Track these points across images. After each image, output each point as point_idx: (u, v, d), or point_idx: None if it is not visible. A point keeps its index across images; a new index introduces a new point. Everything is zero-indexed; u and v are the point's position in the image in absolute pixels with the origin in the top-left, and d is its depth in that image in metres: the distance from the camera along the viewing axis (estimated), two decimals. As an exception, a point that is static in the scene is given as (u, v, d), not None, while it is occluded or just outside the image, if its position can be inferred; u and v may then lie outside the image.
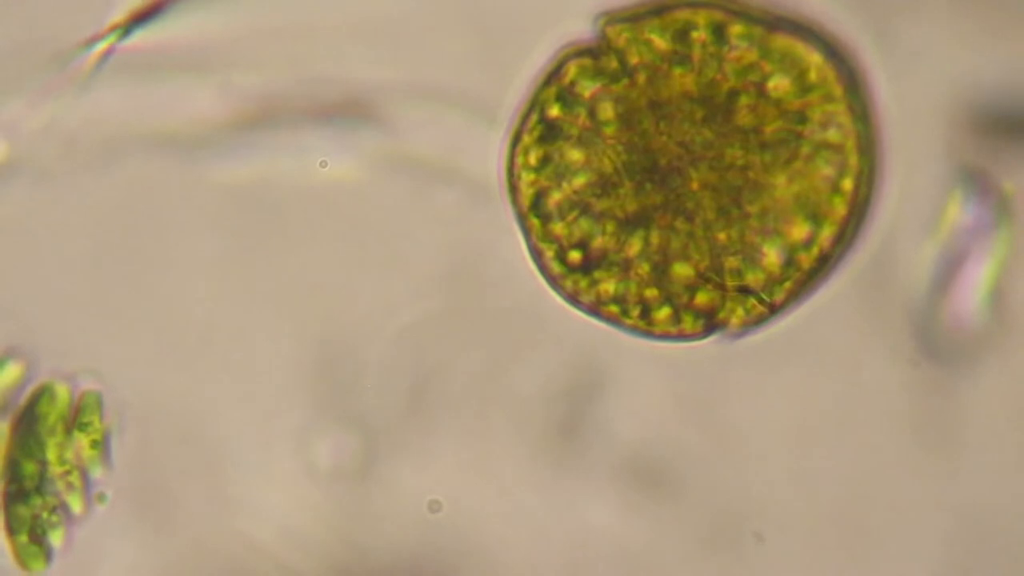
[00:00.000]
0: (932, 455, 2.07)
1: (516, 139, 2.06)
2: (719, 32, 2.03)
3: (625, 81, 2.03)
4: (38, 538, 2.09)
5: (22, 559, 2.09)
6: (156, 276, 2.11)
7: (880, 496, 2.08)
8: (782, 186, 2.02)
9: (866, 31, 2.04)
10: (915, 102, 2.04)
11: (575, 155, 2.04)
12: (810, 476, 2.08)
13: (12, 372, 2.10)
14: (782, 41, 2.03)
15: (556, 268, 2.06)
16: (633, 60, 2.03)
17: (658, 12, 2.04)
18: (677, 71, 2.02)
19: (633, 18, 2.04)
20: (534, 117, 2.05)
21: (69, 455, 2.09)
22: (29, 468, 2.08)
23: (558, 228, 2.05)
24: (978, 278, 2.05)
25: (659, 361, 2.08)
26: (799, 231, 2.03)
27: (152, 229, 2.10)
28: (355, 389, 2.10)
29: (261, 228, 2.10)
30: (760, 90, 2.02)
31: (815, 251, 2.03)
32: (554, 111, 2.04)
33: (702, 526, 2.10)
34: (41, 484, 2.09)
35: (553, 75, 2.05)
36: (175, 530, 2.12)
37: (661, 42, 2.03)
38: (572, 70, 2.04)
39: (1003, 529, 2.08)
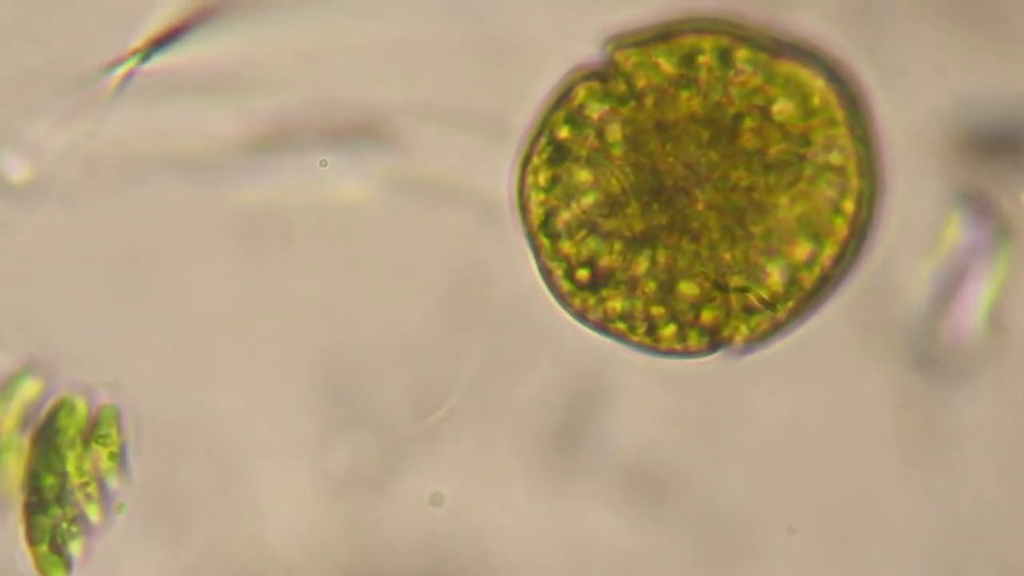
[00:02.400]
0: (927, 473, 2.07)
1: (526, 160, 2.06)
2: (725, 57, 2.03)
3: (632, 104, 2.03)
4: (58, 548, 2.09)
5: (43, 568, 2.09)
6: (172, 293, 2.11)
7: (874, 510, 2.08)
8: (785, 207, 2.02)
9: (861, 56, 2.04)
10: (914, 125, 2.04)
11: (584, 176, 2.04)
12: (806, 491, 2.09)
13: (32, 387, 2.10)
14: (786, 66, 2.03)
15: (565, 286, 2.06)
16: (640, 83, 2.03)
17: (665, 37, 2.04)
18: (683, 94, 2.02)
19: (641, 42, 2.04)
20: (544, 138, 2.05)
21: (87, 467, 2.09)
22: (49, 480, 2.09)
23: (567, 247, 2.05)
24: (976, 297, 2.05)
25: (664, 376, 2.08)
26: (801, 251, 2.03)
27: (169, 247, 2.11)
28: (365, 402, 2.11)
29: (275, 246, 2.10)
30: (764, 113, 2.02)
31: (817, 270, 2.03)
32: (563, 133, 2.05)
33: (699, 537, 2.10)
34: (61, 495, 2.09)
35: (563, 98, 2.05)
36: (191, 538, 2.12)
37: (668, 66, 2.03)
38: (581, 93, 2.04)
39: (988, 543, 2.08)
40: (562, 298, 2.07)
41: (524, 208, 2.06)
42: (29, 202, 2.10)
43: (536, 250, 2.07)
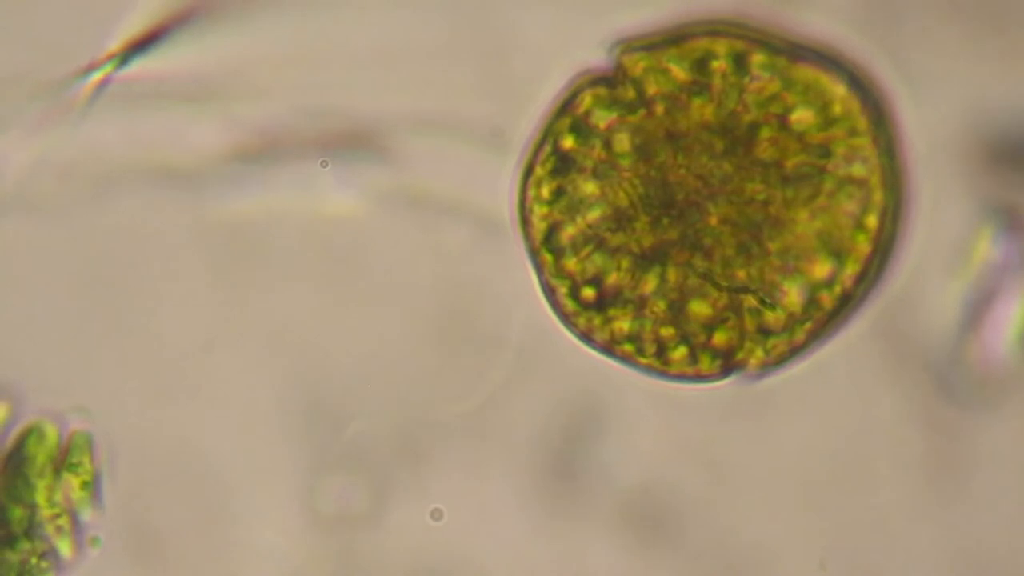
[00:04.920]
0: (952, 504, 2.07)
1: (528, 171, 2.06)
2: (740, 62, 2.03)
3: (642, 112, 2.03)
4: (27, 585, 2.09)
5: (10, 608, 2.09)
6: (148, 312, 2.11)
7: (897, 544, 2.08)
8: (804, 222, 2.02)
9: (885, 60, 2.04)
10: (942, 135, 2.05)
11: (590, 188, 2.04)
12: (824, 524, 2.09)
13: None
14: (805, 72, 2.03)
15: (569, 305, 2.05)
16: (650, 90, 2.03)
17: (677, 40, 2.04)
18: (696, 102, 2.03)
19: (651, 46, 2.04)
20: (547, 148, 2.05)
21: (58, 497, 2.08)
22: (17, 512, 2.07)
23: (571, 264, 2.04)
24: (1008, 319, 2.05)
25: (674, 402, 2.08)
26: (821, 269, 2.03)
27: (147, 264, 2.10)
28: (354, 429, 2.10)
29: (260, 264, 2.10)
30: (782, 122, 2.02)
31: (837, 290, 2.03)
32: (568, 142, 2.04)
33: (708, 573, 2.10)
34: (30, 528, 2.07)
35: (567, 105, 2.05)
36: (169, 574, 2.11)
37: (680, 71, 2.03)
38: (587, 100, 2.04)
39: (1017, 573, 2.08)
40: (566, 318, 2.06)
41: (526, 222, 2.06)
42: (-4, 215, 2.12)
43: (538, 267, 2.07)
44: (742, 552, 2.09)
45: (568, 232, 2.04)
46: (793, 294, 2.02)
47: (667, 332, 2.04)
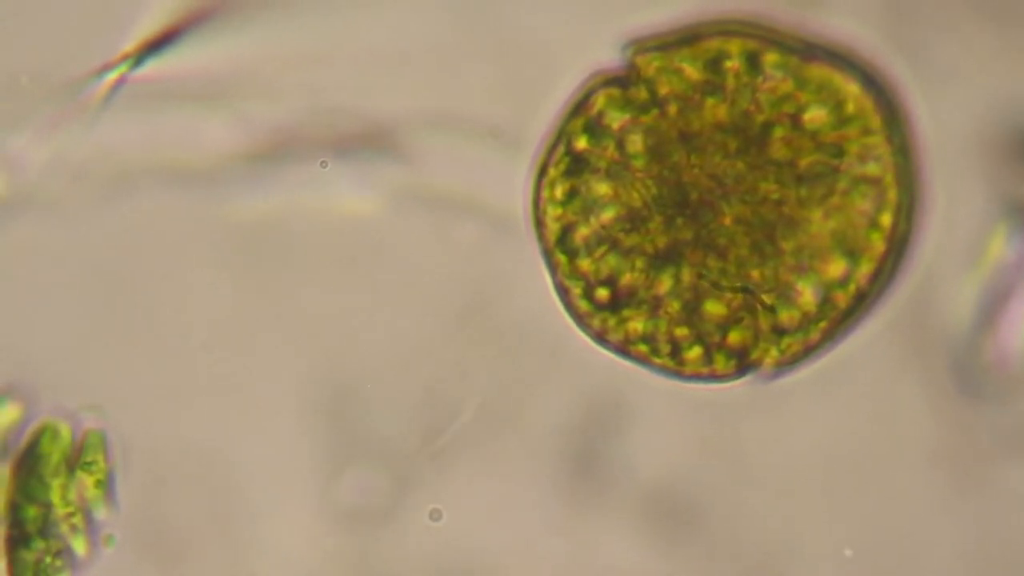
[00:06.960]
0: (969, 502, 2.06)
1: (542, 172, 2.05)
2: (753, 61, 2.02)
3: (655, 112, 2.02)
4: (42, 584, 2.09)
5: (25, 607, 2.09)
6: (163, 312, 2.10)
7: (913, 541, 2.07)
8: (818, 221, 2.01)
9: (899, 58, 2.03)
10: (956, 132, 2.04)
11: (603, 189, 2.03)
12: (841, 522, 2.07)
13: (10, 412, 2.08)
14: (818, 71, 2.02)
15: (583, 306, 2.04)
16: (663, 90, 2.02)
17: (689, 40, 2.03)
18: (709, 102, 2.01)
19: (663, 46, 2.03)
20: (561, 149, 2.04)
21: (72, 496, 2.08)
22: (31, 511, 2.07)
23: (585, 264, 2.03)
24: (1023, 316, 2.04)
25: (689, 402, 2.07)
26: (835, 268, 2.01)
27: (161, 264, 2.10)
28: (370, 426, 2.10)
29: (275, 263, 2.09)
30: (795, 122, 2.01)
31: (852, 289, 2.02)
32: (581, 143, 2.03)
33: (725, 572, 2.09)
34: (44, 527, 2.07)
35: (580, 106, 2.04)
36: (184, 573, 2.11)
37: (692, 71, 2.02)
38: (600, 100, 2.03)
39: None
40: (580, 319, 2.05)
41: (540, 223, 2.06)
42: (10, 217, 2.10)
43: (553, 268, 2.06)
44: (760, 548, 2.08)
45: (582, 233, 2.03)
46: (808, 293, 2.01)
47: (682, 332, 2.03)
